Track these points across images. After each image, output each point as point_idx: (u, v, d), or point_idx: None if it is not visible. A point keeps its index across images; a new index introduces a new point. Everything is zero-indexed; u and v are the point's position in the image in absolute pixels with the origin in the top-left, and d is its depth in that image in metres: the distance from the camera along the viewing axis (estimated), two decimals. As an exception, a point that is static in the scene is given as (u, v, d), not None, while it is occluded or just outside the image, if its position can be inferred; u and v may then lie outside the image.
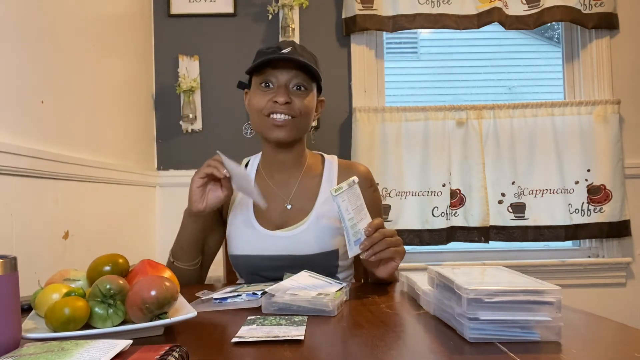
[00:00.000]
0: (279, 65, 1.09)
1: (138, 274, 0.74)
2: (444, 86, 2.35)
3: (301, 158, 1.19)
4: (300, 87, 1.10)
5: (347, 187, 0.95)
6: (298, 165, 1.18)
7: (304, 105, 1.10)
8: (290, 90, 1.10)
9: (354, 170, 1.19)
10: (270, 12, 2.15)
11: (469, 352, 0.57)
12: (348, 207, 0.94)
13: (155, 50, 2.18)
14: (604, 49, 2.20)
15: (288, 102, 1.07)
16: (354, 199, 0.95)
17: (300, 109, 1.09)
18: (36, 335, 0.60)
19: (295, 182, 1.17)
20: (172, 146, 2.17)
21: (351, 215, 0.94)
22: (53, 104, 1.28)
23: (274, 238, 1.11)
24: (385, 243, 0.93)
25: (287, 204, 1.15)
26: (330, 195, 0.95)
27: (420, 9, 2.15)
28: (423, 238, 2.12)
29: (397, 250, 0.95)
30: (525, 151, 2.14)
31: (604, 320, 0.71)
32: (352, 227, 0.94)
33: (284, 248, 1.10)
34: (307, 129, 1.16)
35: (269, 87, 1.10)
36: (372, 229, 0.93)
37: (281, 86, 1.09)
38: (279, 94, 1.07)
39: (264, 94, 1.10)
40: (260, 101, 1.10)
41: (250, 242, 1.11)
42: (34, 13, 1.21)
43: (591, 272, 2.17)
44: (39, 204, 1.18)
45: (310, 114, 1.14)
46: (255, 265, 1.11)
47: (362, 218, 0.95)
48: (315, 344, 0.62)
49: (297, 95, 1.10)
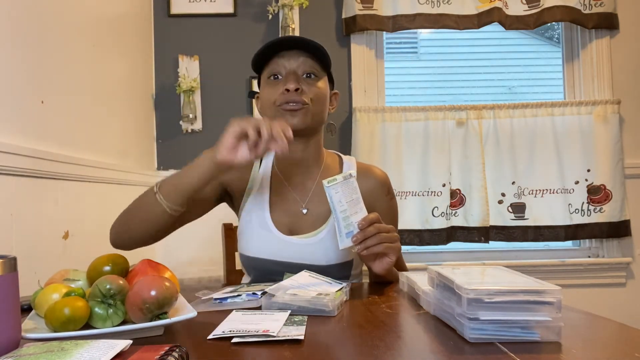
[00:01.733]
0: (285, 55, 1.05)
1: (138, 274, 0.74)
2: (444, 86, 2.35)
3: (318, 155, 1.13)
4: (310, 75, 1.05)
5: (342, 179, 0.92)
6: (315, 165, 1.13)
7: (317, 90, 1.04)
8: (301, 79, 1.04)
9: (372, 175, 1.15)
10: (270, 12, 2.15)
11: (469, 352, 0.57)
12: (341, 199, 0.92)
13: (155, 50, 2.18)
14: (604, 49, 2.20)
15: (298, 88, 1.01)
16: (349, 192, 0.93)
17: (312, 95, 1.03)
18: (36, 335, 0.60)
19: (313, 184, 1.11)
20: (172, 146, 2.17)
21: (344, 207, 0.92)
22: (53, 104, 1.28)
23: (287, 244, 1.06)
24: (378, 238, 0.90)
25: (303, 208, 1.10)
26: (324, 186, 0.91)
27: (420, 9, 2.15)
28: (423, 238, 2.12)
29: (391, 247, 0.92)
30: (525, 151, 2.14)
31: (604, 320, 0.71)
32: (344, 219, 0.92)
33: (299, 256, 1.06)
34: (323, 119, 1.09)
35: (278, 78, 1.05)
36: (366, 223, 0.90)
37: (290, 73, 1.04)
38: (289, 81, 1.02)
39: (273, 86, 1.05)
40: (271, 93, 1.04)
41: (265, 245, 1.07)
42: (34, 13, 1.21)
43: (591, 272, 2.17)
44: (39, 204, 1.18)
45: (325, 101, 1.08)
46: (265, 269, 1.08)
47: (357, 212, 0.93)
48: (315, 344, 0.62)
49: (307, 82, 1.04)
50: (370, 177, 1.15)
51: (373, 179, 1.15)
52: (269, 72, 1.07)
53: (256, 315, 0.74)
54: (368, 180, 1.13)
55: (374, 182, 1.15)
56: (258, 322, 0.69)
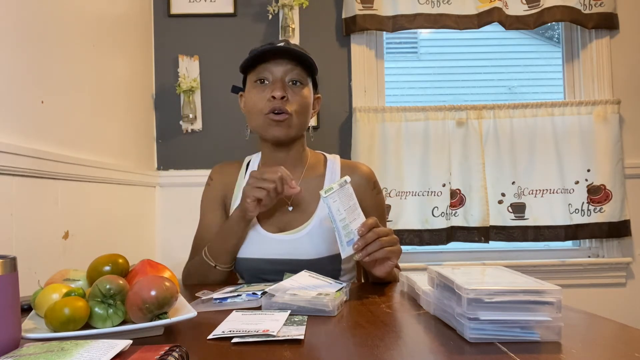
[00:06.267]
0: (273, 60, 1.08)
1: (138, 274, 0.74)
2: (444, 86, 2.35)
3: (301, 157, 1.18)
4: (295, 82, 1.09)
5: (338, 187, 0.93)
6: (298, 165, 1.17)
7: (301, 100, 1.09)
8: (286, 85, 1.08)
9: (357, 171, 1.17)
10: (270, 12, 2.15)
11: (469, 352, 0.57)
12: (340, 208, 0.92)
13: (155, 50, 2.18)
14: (604, 49, 2.20)
15: (285, 96, 1.06)
16: (346, 199, 0.93)
17: (297, 106, 1.08)
18: (36, 335, 0.60)
19: (297, 183, 1.14)
20: (172, 146, 2.17)
21: (343, 215, 0.92)
22: (53, 104, 1.28)
23: (276, 241, 1.09)
24: (379, 243, 0.91)
25: (289, 206, 1.13)
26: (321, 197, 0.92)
27: (420, 9, 2.15)
28: (423, 238, 2.12)
29: (392, 250, 0.93)
30: (525, 151, 2.14)
31: (604, 320, 0.71)
32: (344, 227, 0.92)
33: (286, 252, 1.08)
34: (305, 126, 1.15)
35: (264, 83, 1.09)
36: (365, 229, 0.91)
37: (277, 80, 1.08)
38: (275, 89, 1.06)
39: (260, 92, 1.09)
40: (258, 100, 1.08)
41: (253, 245, 1.10)
42: (34, 13, 1.21)
43: (591, 272, 2.17)
44: (39, 204, 1.18)
45: (308, 110, 1.12)
46: (258, 269, 1.10)
47: (355, 218, 0.93)
48: (315, 344, 0.62)
49: (293, 90, 1.09)
50: (355, 174, 1.17)
51: (358, 175, 1.17)
52: (255, 75, 1.10)
53: (256, 315, 0.74)
54: (354, 177, 1.15)
55: (359, 178, 1.17)
56: (258, 322, 0.70)
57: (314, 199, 1.13)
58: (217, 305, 0.84)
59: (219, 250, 1.08)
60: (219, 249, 1.08)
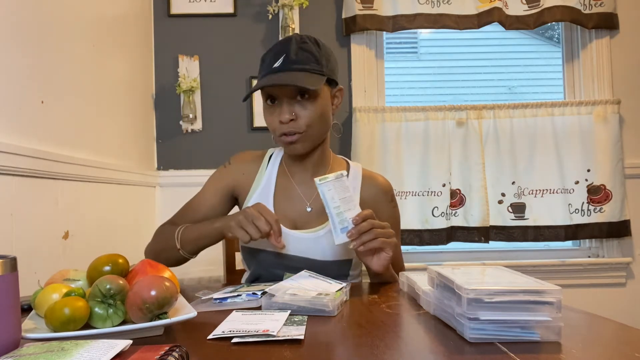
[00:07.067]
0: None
1: (138, 274, 0.74)
2: (444, 86, 2.35)
3: (323, 158, 1.16)
4: (304, 95, 1.03)
5: (333, 177, 0.96)
6: (321, 165, 1.15)
7: (311, 114, 1.04)
8: (295, 101, 1.04)
9: (376, 182, 1.17)
10: (270, 12, 2.15)
11: (469, 352, 0.57)
12: (334, 196, 0.95)
13: (155, 50, 2.18)
14: (604, 49, 2.20)
15: (292, 119, 1.03)
16: (341, 190, 0.96)
17: (308, 120, 1.04)
18: (36, 335, 0.60)
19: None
20: (172, 146, 2.18)
21: (337, 204, 0.95)
22: (53, 104, 1.28)
23: (292, 238, 1.08)
24: (373, 233, 0.93)
25: (308, 207, 1.13)
26: (315, 184, 0.95)
27: (420, 9, 2.15)
28: (423, 238, 2.12)
29: (387, 241, 0.94)
30: (525, 151, 2.14)
31: (604, 320, 0.71)
32: (337, 214, 0.94)
33: (300, 250, 1.08)
34: (324, 134, 1.11)
35: (274, 102, 1.06)
36: (360, 218, 0.93)
37: (282, 103, 1.04)
38: (282, 112, 1.03)
39: (270, 113, 1.06)
40: (270, 121, 1.07)
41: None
42: (34, 13, 1.21)
43: (591, 272, 2.17)
44: (39, 204, 1.18)
45: (323, 118, 1.07)
46: (268, 262, 1.10)
47: (350, 208, 0.95)
48: (315, 344, 0.62)
49: (302, 105, 1.03)
50: (374, 185, 1.17)
51: (376, 187, 1.17)
52: (265, 94, 1.07)
53: (256, 315, 0.74)
54: (372, 188, 1.16)
55: (377, 190, 1.17)
56: (258, 322, 0.70)
57: None
58: (217, 305, 0.84)
59: (190, 240, 1.07)
60: (190, 240, 1.07)
